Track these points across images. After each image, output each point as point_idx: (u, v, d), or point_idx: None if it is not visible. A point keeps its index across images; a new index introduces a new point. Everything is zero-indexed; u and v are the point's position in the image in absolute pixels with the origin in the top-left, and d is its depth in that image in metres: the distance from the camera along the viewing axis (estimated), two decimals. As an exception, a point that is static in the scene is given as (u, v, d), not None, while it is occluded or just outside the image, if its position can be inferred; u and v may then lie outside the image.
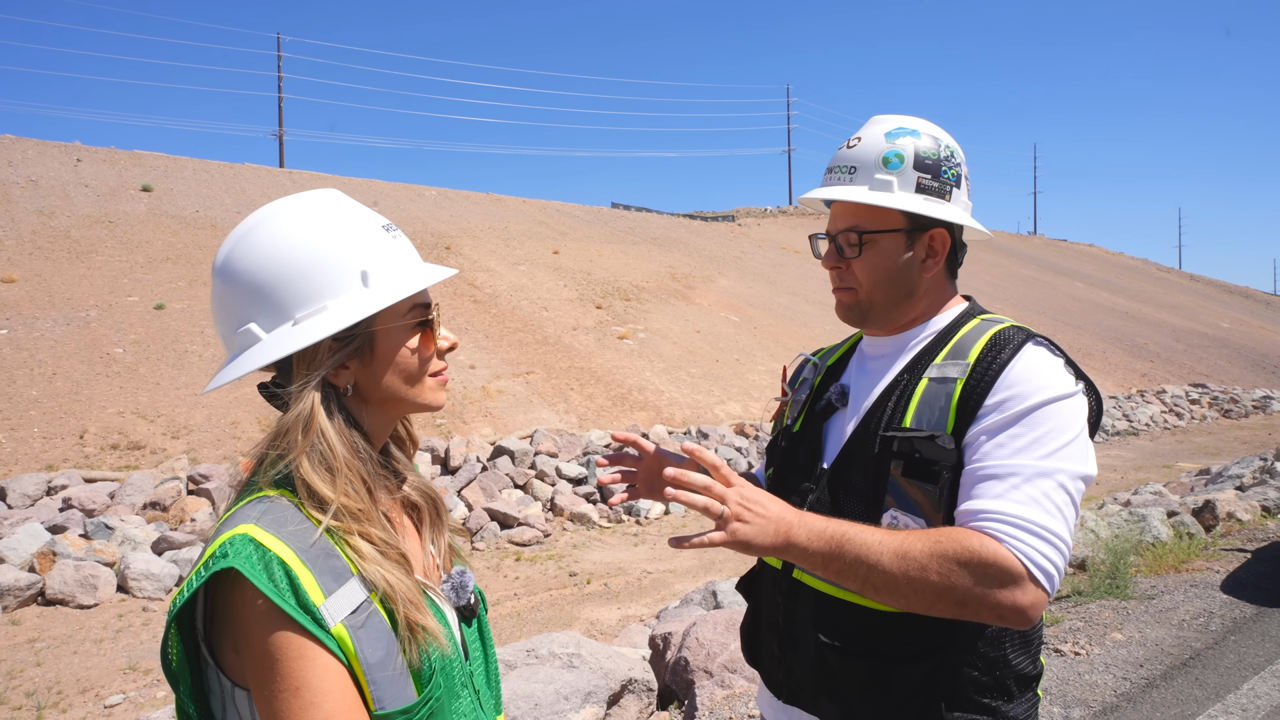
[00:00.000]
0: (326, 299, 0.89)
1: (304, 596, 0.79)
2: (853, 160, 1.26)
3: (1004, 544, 1.01)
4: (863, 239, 1.23)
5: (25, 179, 17.23)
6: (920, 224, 1.23)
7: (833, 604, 1.18)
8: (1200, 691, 3.58)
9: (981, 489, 1.06)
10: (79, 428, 9.51)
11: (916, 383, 1.19)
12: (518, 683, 3.34)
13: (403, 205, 22.49)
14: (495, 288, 17.68)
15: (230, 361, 0.91)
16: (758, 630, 1.36)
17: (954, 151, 1.27)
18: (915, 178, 1.22)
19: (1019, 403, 1.08)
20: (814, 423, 1.32)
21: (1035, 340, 1.17)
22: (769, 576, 1.32)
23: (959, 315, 1.27)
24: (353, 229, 0.93)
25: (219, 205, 18.73)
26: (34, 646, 5.87)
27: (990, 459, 1.07)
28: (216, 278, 0.92)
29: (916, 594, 1.01)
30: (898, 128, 1.26)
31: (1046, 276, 39.08)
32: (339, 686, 0.80)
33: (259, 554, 0.80)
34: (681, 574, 7.90)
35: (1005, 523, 1.02)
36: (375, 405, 0.96)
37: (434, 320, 0.99)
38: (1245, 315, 42.23)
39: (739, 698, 3.41)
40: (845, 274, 1.27)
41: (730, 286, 23.09)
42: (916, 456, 1.13)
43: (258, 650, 0.79)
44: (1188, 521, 6.32)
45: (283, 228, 0.91)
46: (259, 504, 0.86)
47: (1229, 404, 21.78)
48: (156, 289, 13.74)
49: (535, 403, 12.74)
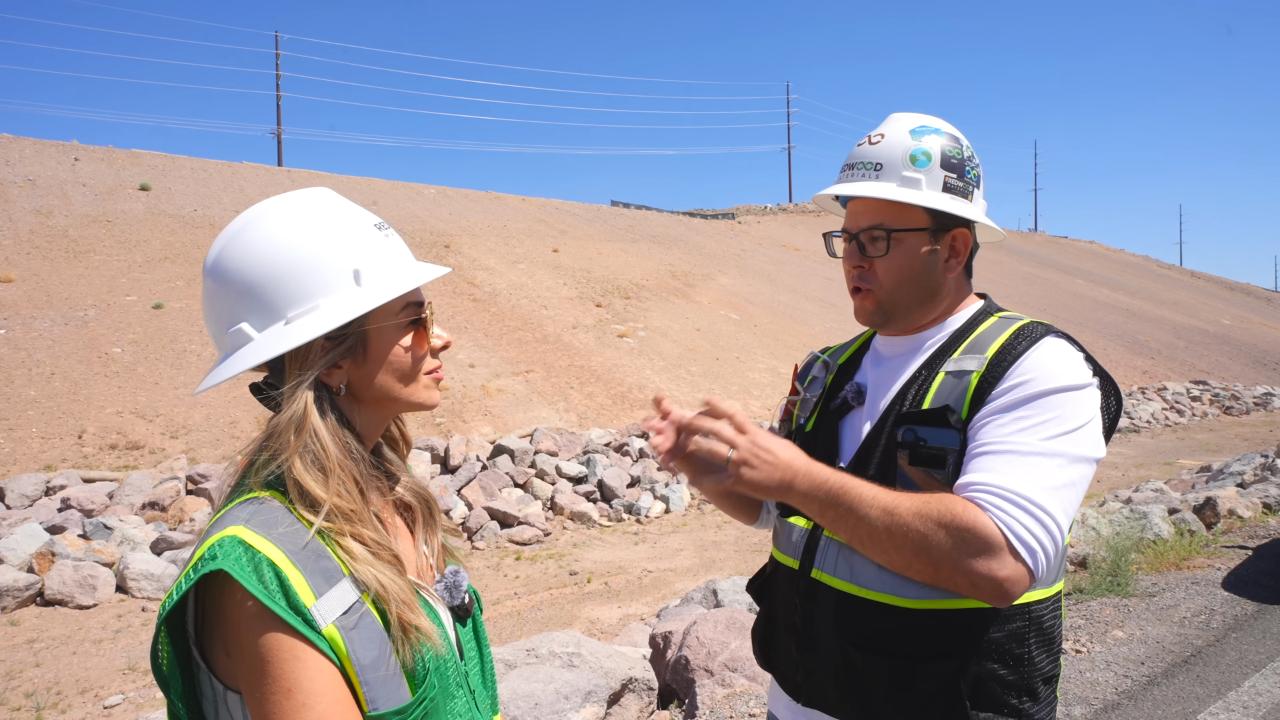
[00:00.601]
0: (318, 298, 0.89)
1: (294, 598, 0.79)
2: (878, 157, 1.24)
3: (986, 512, 1.00)
4: (890, 236, 1.21)
5: (23, 178, 17.20)
6: (944, 224, 1.23)
7: (854, 602, 1.16)
8: (1202, 689, 3.58)
9: (978, 463, 1.07)
10: (77, 428, 9.50)
11: (934, 377, 1.19)
12: (518, 682, 3.32)
13: (402, 204, 22.46)
14: (495, 286, 17.66)
15: (222, 361, 0.90)
16: (773, 632, 1.33)
17: (973, 153, 1.27)
18: (942, 177, 1.22)
19: (1028, 388, 1.08)
20: (828, 422, 1.31)
21: (1055, 334, 1.17)
22: (784, 577, 1.30)
23: (976, 313, 1.27)
24: (344, 228, 0.93)
25: (217, 204, 18.70)
26: (33, 647, 5.86)
27: (991, 437, 1.07)
28: (208, 277, 0.92)
29: (896, 549, 1.03)
30: (921, 125, 1.25)
31: (1047, 274, 39.07)
32: (331, 688, 0.79)
33: (249, 556, 0.79)
34: (682, 572, 7.90)
35: (991, 493, 1.02)
36: (368, 405, 0.96)
37: (427, 319, 0.98)
38: (1246, 312, 42.23)
39: (740, 696, 3.40)
40: (867, 273, 1.25)
41: (730, 284, 23.08)
42: (922, 445, 1.13)
43: (249, 652, 0.79)
44: (1189, 519, 6.31)
45: (274, 227, 0.90)
46: (248, 505, 0.85)
47: (1230, 401, 21.78)
48: (155, 288, 13.72)
49: (535, 401, 12.73)
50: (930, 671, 1.11)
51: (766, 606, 1.37)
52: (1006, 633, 1.13)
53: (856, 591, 1.16)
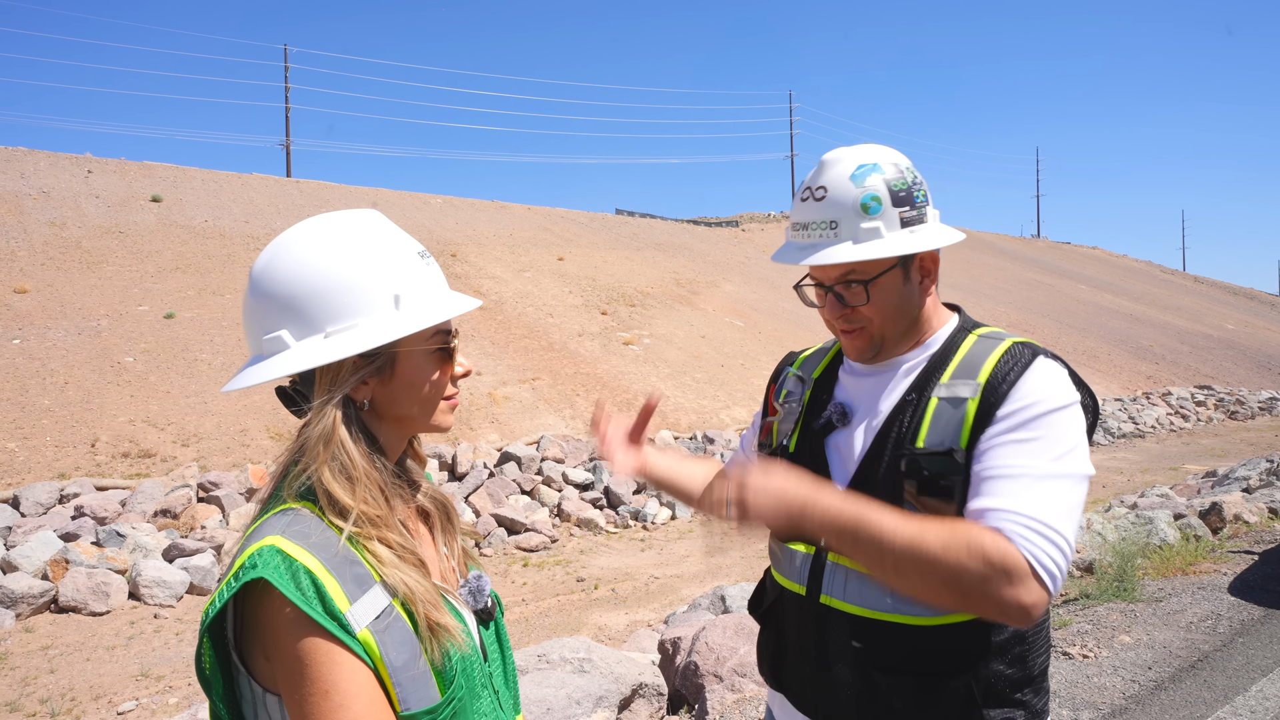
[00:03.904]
0: (358, 317, 0.92)
1: (330, 604, 0.82)
2: (829, 214, 1.22)
3: (1014, 542, 1.03)
4: (867, 286, 1.22)
5: (37, 190, 17.39)
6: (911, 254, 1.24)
7: (870, 625, 1.18)
8: (1208, 694, 3.59)
9: (991, 487, 1.09)
10: (90, 436, 9.58)
11: (926, 402, 1.20)
12: (529, 687, 3.37)
13: (409, 213, 22.60)
14: (501, 294, 17.74)
15: (255, 363, 0.93)
16: (782, 653, 1.32)
17: (914, 172, 1.25)
18: (897, 215, 1.21)
19: (1030, 411, 1.12)
20: (812, 441, 1.30)
21: (1044, 354, 1.20)
22: (792, 603, 1.29)
23: (954, 330, 1.28)
24: (390, 252, 0.96)
25: (227, 215, 18.85)
26: (47, 654, 5.92)
27: (999, 460, 1.10)
28: (252, 283, 0.95)
29: (923, 581, 1.03)
30: (858, 166, 1.22)
31: (1050, 279, 38.98)
32: (367, 689, 0.83)
33: (286, 564, 0.83)
34: (689, 579, 7.92)
35: (1015, 521, 1.05)
36: (389, 422, 0.99)
37: (454, 348, 1.02)
38: (1250, 317, 42.02)
39: (749, 702, 3.44)
40: (853, 316, 1.26)
41: (734, 291, 23.11)
42: (926, 474, 1.14)
43: (288, 656, 0.82)
44: (1195, 524, 6.31)
45: (323, 244, 0.94)
46: (284, 516, 0.89)
47: (1235, 406, 21.68)
48: (166, 298, 13.84)
49: (541, 408, 12.78)
50: (953, 685, 1.15)
51: (774, 628, 1.35)
52: (1011, 634, 1.17)
53: (870, 615, 1.18)
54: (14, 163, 18.54)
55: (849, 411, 1.28)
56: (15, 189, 17.12)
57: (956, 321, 1.30)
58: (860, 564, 1.09)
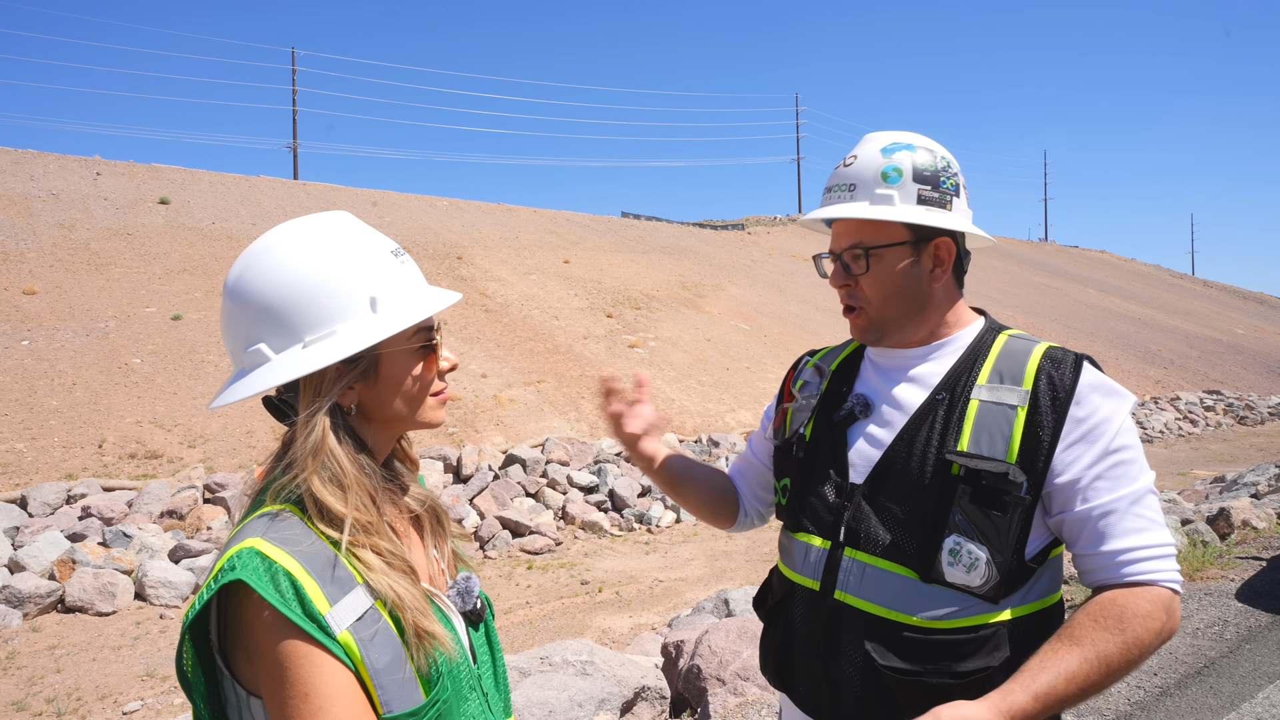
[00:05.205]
0: (335, 323, 0.91)
1: (310, 606, 0.82)
2: (851, 178, 1.26)
3: (1156, 584, 1.08)
4: (869, 254, 1.23)
5: (46, 192, 17.53)
6: (924, 235, 1.23)
7: (885, 625, 1.16)
8: (1215, 700, 3.57)
9: (1107, 527, 1.10)
10: (98, 437, 9.65)
11: (962, 402, 1.18)
12: (532, 690, 3.37)
13: (415, 216, 22.69)
14: (506, 297, 17.78)
15: (238, 379, 0.93)
16: (789, 653, 1.29)
17: (950, 162, 1.27)
18: (915, 190, 1.23)
19: (1101, 433, 1.12)
20: (832, 431, 1.28)
21: (1083, 359, 1.18)
22: (803, 599, 1.26)
23: (982, 331, 1.27)
24: (362, 254, 0.95)
25: (235, 217, 18.97)
26: (54, 653, 5.96)
27: (1106, 495, 1.11)
28: (227, 297, 0.94)
29: (1125, 675, 1.08)
30: (893, 143, 1.26)
31: (1058, 283, 38.84)
32: (347, 691, 0.82)
33: (266, 566, 0.83)
34: (693, 582, 7.91)
35: (1147, 559, 1.09)
36: (378, 423, 0.99)
37: (437, 344, 1.01)
38: (1260, 321, 41.76)
39: (752, 705, 3.43)
40: (854, 292, 1.27)
41: (740, 295, 23.11)
42: (984, 484, 1.12)
43: (268, 658, 0.82)
44: (1202, 529, 6.27)
45: (294, 251, 0.92)
46: (265, 519, 0.88)
47: (1244, 411, 21.54)
48: (174, 300, 13.93)
49: (546, 411, 12.80)
50: (963, 689, 1.11)
51: (781, 626, 1.31)
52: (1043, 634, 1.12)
53: (886, 614, 1.15)
54: (24, 165, 18.70)
55: (871, 403, 1.27)
56: (25, 191, 17.27)
57: (984, 323, 1.29)
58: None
